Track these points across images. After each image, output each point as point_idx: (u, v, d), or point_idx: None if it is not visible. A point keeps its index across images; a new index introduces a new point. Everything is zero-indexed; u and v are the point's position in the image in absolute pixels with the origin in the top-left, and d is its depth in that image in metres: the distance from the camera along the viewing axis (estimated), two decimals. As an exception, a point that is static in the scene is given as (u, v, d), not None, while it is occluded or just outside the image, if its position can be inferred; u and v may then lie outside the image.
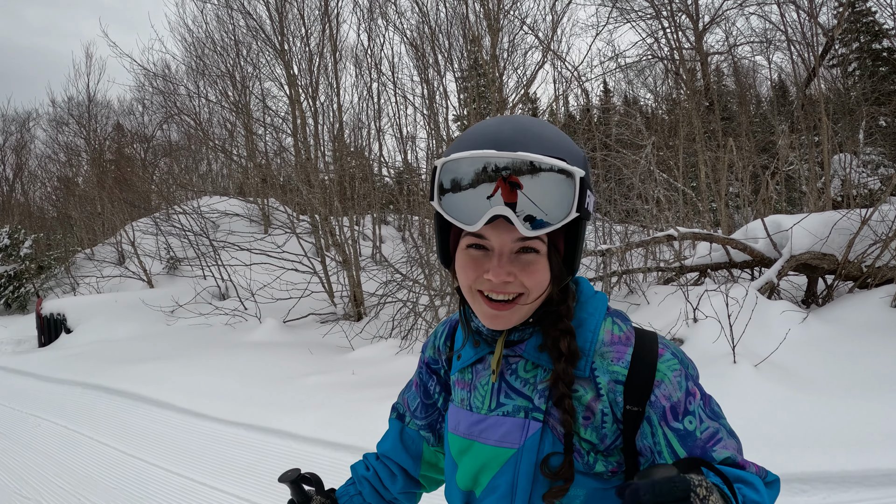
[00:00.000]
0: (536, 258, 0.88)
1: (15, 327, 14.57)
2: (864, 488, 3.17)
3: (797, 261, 5.99)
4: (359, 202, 14.20)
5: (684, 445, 0.85)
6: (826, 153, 11.94)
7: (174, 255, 15.80)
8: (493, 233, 0.87)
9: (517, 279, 0.88)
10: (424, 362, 1.19)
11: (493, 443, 0.95)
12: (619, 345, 0.92)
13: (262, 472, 4.38)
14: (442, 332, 1.17)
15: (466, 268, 0.92)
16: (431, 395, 1.18)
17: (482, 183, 0.83)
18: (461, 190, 0.86)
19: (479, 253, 0.90)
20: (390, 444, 1.23)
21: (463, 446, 1.00)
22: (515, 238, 0.87)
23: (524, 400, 0.94)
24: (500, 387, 0.97)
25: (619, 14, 16.23)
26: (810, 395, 4.10)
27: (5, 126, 31.98)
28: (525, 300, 0.90)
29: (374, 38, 15.61)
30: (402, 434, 1.22)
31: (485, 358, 1.01)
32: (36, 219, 27.41)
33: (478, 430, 0.97)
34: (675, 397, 0.88)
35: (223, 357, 8.10)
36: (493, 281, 0.87)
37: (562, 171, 0.82)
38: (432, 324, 8.35)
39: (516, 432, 0.93)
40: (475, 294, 0.92)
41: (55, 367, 9.19)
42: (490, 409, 0.97)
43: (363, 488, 1.21)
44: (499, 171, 0.82)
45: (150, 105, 22.13)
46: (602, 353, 0.92)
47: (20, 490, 4.46)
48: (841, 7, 13.97)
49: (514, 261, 0.88)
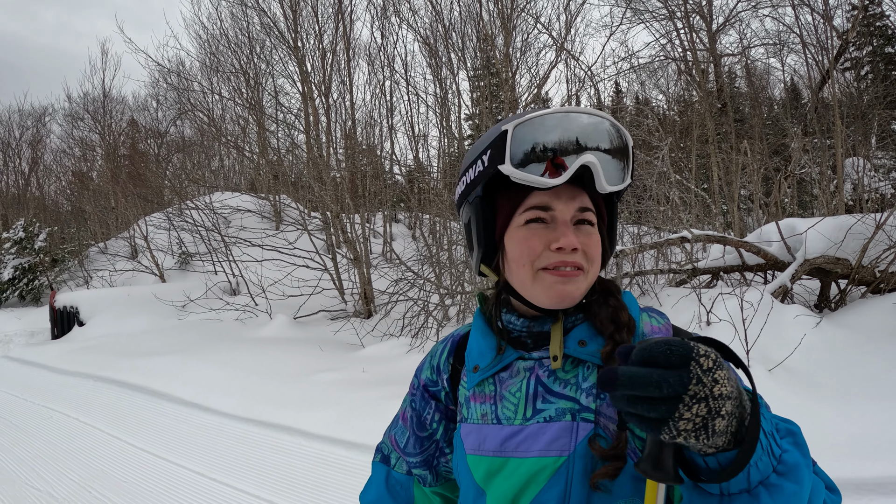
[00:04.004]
0: (593, 230, 0.88)
1: (28, 319, 14.71)
2: (879, 495, 3.14)
3: (811, 265, 5.93)
4: (370, 200, 14.21)
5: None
6: (839, 156, 11.84)
7: (186, 250, 15.91)
8: (557, 200, 0.86)
9: (580, 250, 0.85)
10: (421, 386, 1.05)
11: (535, 453, 0.82)
12: (660, 334, 0.88)
13: (271, 468, 4.39)
14: (442, 350, 1.05)
15: (531, 240, 0.87)
16: (427, 426, 1.03)
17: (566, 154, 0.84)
18: (535, 160, 0.84)
19: (539, 226, 0.87)
20: (374, 493, 1.10)
21: (493, 467, 0.86)
22: (578, 207, 0.87)
23: (568, 402, 0.83)
24: (536, 391, 0.86)
25: (633, 14, 16.16)
26: (824, 400, 4.07)
27: (22, 121, 32.39)
28: (585, 275, 0.87)
29: (387, 36, 15.71)
30: (387, 480, 1.09)
31: (512, 364, 0.90)
32: (50, 212, 27.77)
33: (513, 444, 0.84)
34: None
35: (234, 352, 8.13)
36: (565, 248, 0.84)
37: (620, 134, 0.87)
38: (443, 323, 8.35)
39: (565, 437, 0.81)
40: (536, 273, 0.86)
41: (68, 359, 9.27)
42: (526, 418, 0.85)
43: None
44: (582, 147, 0.84)
45: (165, 101, 22.33)
46: None
47: (32, 481, 4.50)
48: (855, 10, 13.85)
49: (576, 231, 0.86)
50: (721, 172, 14.98)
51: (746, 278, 7.05)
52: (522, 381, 0.88)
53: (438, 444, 1.03)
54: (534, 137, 0.84)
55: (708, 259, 7.29)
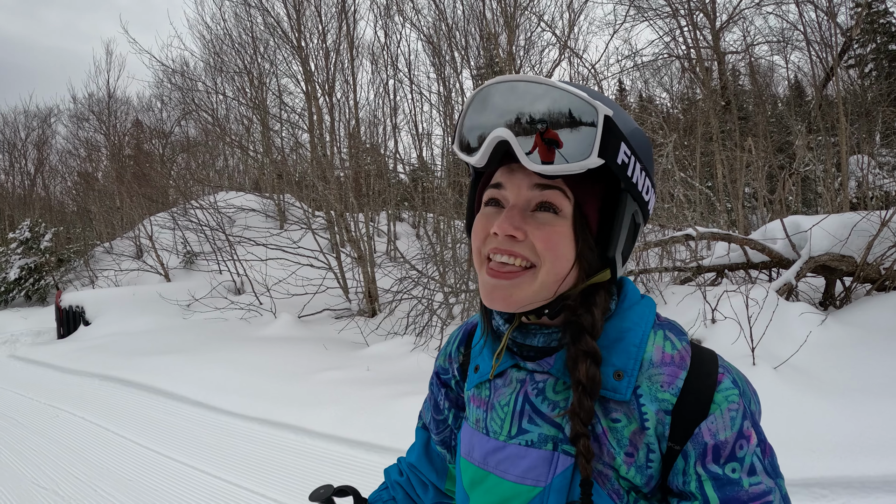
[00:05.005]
0: (555, 219, 0.73)
1: (35, 319, 14.76)
2: (885, 493, 3.13)
3: (816, 262, 5.92)
4: (374, 198, 14.23)
5: (720, 493, 0.69)
6: (843, 154, 11.79)
7: (191, 250, 15.94)
8: (510, 177, 0.75)
9: (528, 238, 0.73)
10: (434, 372, 1.04)
11: (513, 478, 0.78)
12: (671, 366, 0.74)
13: (276, 466, 4.41)
14: (456, 337, 1.01)
15: (476, 229, 0.78)
16: (441, 411, 1.02)
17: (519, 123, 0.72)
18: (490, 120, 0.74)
19: (492, 210, 0.77)
20: (416, 455, 1.11)
21: (476, 477, 0.83)
22: (532, 184, 0.74)
23: (552, 428, 0.77)
24: (524, 409, 0.79)
25: (637, 12, 16.13)
26: (830, 398, 4.06)
27: (27, 122, 32.55)
28: (536, 274, 0.73)
29: (390, 35, 15.71)
30: (426, 445, 1.09)
31: (506, 372, 0.83)
32: (56, 212, 27.91)
33: (495, 461, 0.80)
34: (723, 436, 0.70)
35: (238, 351, 8.15)
36: (497, 235, 0.73)
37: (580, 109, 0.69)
38: (447, 321, 8.35)
39: (542, 467, 0.76)
40: (483, 262, 0.77)
41: (73, 358, 9.31)
42: (510, 436, 0.80)
43: (396, 494, 1.12)
44: (534, 123, 0.70)
45: (169, 101, 22.37)
46: (650, 376, 0.74)
47: (38, 479, 4.52)
48: (859, 7, 13.79)
49: (528, 217, 0.74)
50: (725, 170, 14.94)
51: (751, 276, 7.04)
52: (512, 393, 0.81)
53: (451, 428, 1.01)
54: (473, 115, 0.76)
55: (713, 257, 7.29)
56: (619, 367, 0.74)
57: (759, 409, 0.76)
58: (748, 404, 0.73)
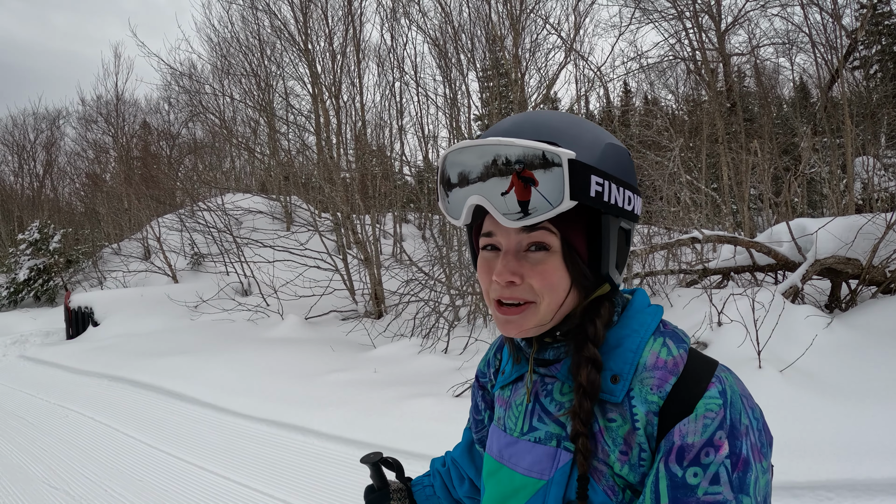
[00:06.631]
0: (546, 256, 0.79)
1: (44, 319, 14.86)
2: (891, 496, 3.14)
3: (822, 265, 5.92)
4: (380, 200, 14.26)
5: (671, 493, 0.71)
6: (849, 156, 11.78)
7: (198, 251, 16.01)
8: (497, 227, 0.81)
9: (525, 281, 0.79)
10: (475, 376, 1.14)
11: (521, 470, 0.86)
12: (663, 371, 0.78)
13: (283, 467, 4.44)
14: (495, 344, 1.10)
15: (481, 273, 0.85)
16: (480, 412, 1.12)
17: (491, 177, 0.76)
18: (464, 185, 0.79)
19: (492, 255, 0.83)
20: (460, 451, 1.21)
21: (492, 469, 0.92)
22: (519, 229, 0.79)
23: (557, 426, 0.84)
24: (534, 409, 0.88)
25: (642, 14, 16.15)
26: (836, 401, 4.06)
27: (36, 124, 32.73)
28: (538, 308, 0.80)
29: (396, 37, 15.72)
30: (471, 444, 1.19)
31: (523, 376, 0.92)
32: (65, 214, 28.06)
33: (508, 454, 0.89)
34: (691, 440, 0.72)
35: (245, 352, 8.19)
36: (498, 282, 0.80)
37: (547, 155, 0.73)
38: (454, 323, 8.38)
39: (546, 462, 0.83)
40: (492, 303, 0.84)
41: (82, 359, 9.38)
42: (522, 433, 0.88)
43: (435, 481, 1.23)
44: (510, 164, 0.74)
45: (176, 103, 22.44)
46: (642, 379, 0.78)
47: (49, 479, 4.58)
48: (864, 9, 13.76)
49: (521, 260, 0.80)
50: (731, 172, 14.93)
51: (757, 279, 7.04)
52: (526, 394, 0.90)
53: (487, 428, 1.10)
54: (448, 182, 0.82)
55: (719, 259, 7.29)
56: (615, 371, 0.80)
57: (757, 425, 0.75)
58: (734, 416, 0.73)
